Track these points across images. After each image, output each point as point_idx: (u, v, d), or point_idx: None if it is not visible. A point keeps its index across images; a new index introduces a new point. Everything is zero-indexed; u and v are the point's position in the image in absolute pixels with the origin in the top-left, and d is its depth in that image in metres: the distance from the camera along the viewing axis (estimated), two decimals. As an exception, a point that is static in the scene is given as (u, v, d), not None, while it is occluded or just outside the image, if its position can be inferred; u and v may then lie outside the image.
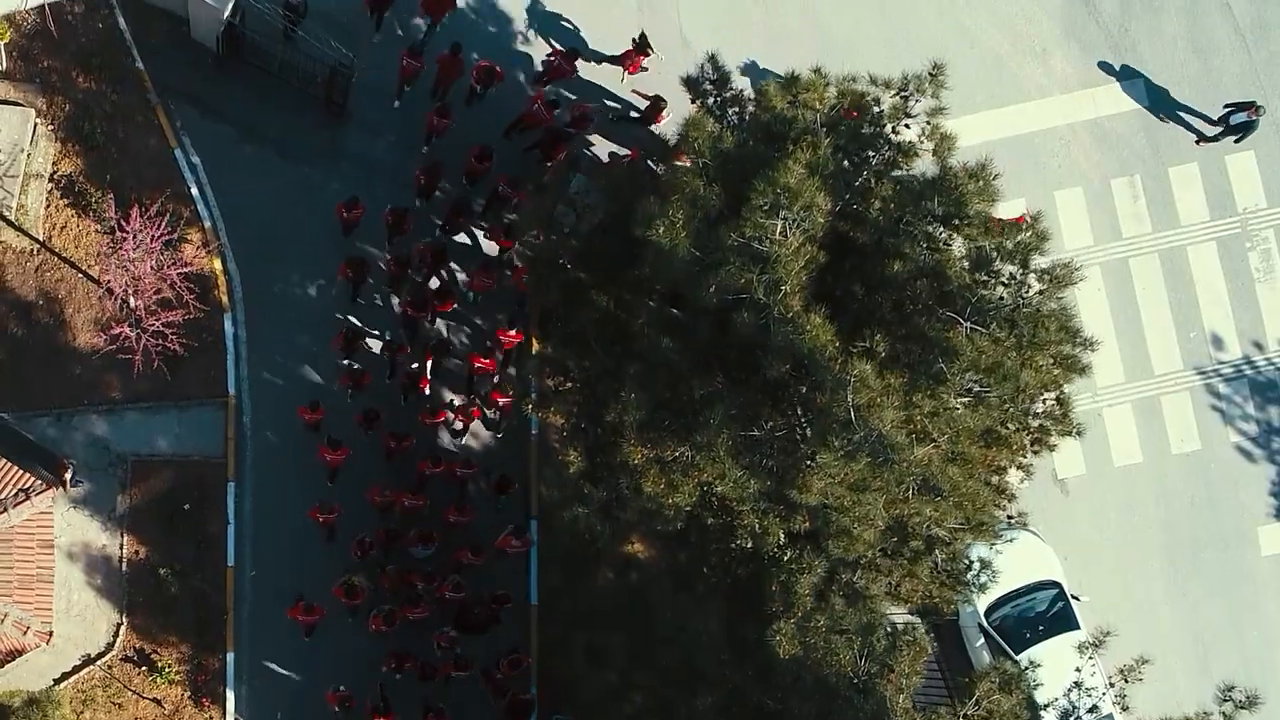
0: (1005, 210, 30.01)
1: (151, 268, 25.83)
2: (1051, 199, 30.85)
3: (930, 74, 23.35)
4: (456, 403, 28.78)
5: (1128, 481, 30.69)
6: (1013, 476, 24.83)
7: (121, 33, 29.54)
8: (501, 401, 28.42)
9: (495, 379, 28.78)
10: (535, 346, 28.75)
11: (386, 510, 28.21)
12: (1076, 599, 29.36)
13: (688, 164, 23.53)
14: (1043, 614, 29.26)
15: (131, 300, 26.07)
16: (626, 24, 30.33)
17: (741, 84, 26.96)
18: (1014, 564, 27.24)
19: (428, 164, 28.90)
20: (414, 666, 27.54)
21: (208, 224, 29.28)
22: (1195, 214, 31.20)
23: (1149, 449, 30.84)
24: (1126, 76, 31.34)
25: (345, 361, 28.62)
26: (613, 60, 29.96)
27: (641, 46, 29.41)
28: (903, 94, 23.60)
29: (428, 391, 28.58)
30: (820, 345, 20.73)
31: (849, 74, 24.56)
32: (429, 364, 28.42)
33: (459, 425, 28.86)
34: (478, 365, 28.34)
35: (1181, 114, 31.33)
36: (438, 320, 29.26)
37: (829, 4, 30.87)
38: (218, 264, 29.21)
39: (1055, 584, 29.37)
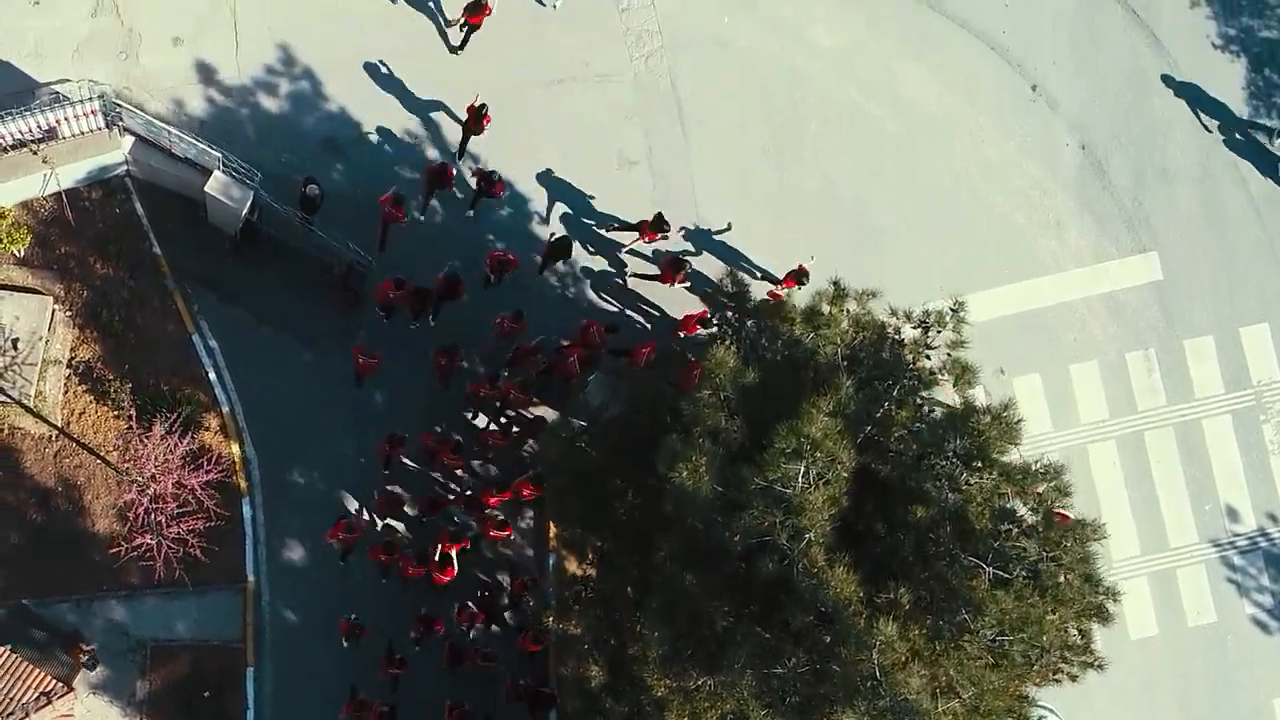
0: (1019, 384, 30.55)
1: (172, 484, 25.88)
2: (1067, 373, 30.97)
3: (951, 309, 23.42)
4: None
5: (1145, 655, 30.75)
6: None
7: (139, 218, 29.61)
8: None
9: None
10: (552, 530, 28.90)
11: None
12: None
13: (708, 392, 23.58)
14: (1063, 793, 29.39)
15: (153, 514, 26.12)
16: (640, 190, 30.53)
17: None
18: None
19: (448, 345, 28.95)
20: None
21: (225, 409, 29.34)
22: (1210, 387, 31.32)
23: (1165, 622, 30.92)
24: (1140, 249, 31.44)
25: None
26: (629, 227, 30.03)
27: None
28: (923, 325, 23.67)
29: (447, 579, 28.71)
30: (844, 599, 20.80)
31: (869, 290, 24.75)
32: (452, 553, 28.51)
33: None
34: (493, 534, 28.61)
35: (1196, 286, 31.42)
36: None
37: (843, 174, 30.99)
38: (235, 449, 29.28)
39: (1075, 764, 29.50)
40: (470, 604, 28.44)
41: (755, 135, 30.80)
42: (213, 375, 29.45)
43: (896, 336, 23.73)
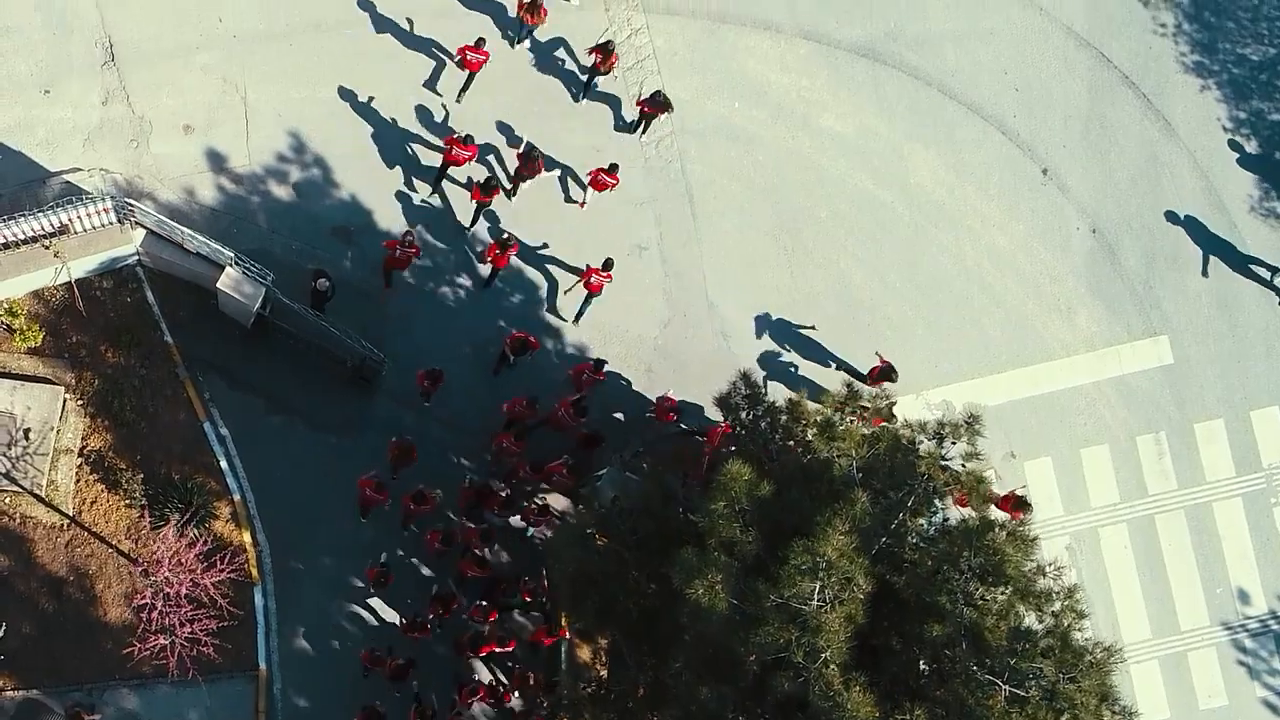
0: (1030, 468, 30.59)
1: (187, 587, 25.89)
2: (1078, 456, 30.99)
3: (967, 422, 23.43)
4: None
5: (1156, 739, 30.86)
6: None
7: (150, 307, 29.61)
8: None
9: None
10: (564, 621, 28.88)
11: None
12: None
13: (723, 504, 23.57)
14: None
15: (167, 617, 26.12)
16: (651, 277, 30.55)
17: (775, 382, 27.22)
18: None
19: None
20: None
21: (237, 496, 29.34)
22: (1221, 470, 31.32)
23: (1176, 705, 30.91)
24: (1151, 333, 31.47)
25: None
26: None
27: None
28: (939, 436, 23.69)
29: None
30: (861, 720, 20.84)
31: (883, 393, 24.78)
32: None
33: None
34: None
35: (1206, 370, 31.46)
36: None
37: (854, 264, 31.00)
38: (247, 536, 29.29)
39: None
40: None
41: (765, 222, 30.83)
42: (224, 463, 29.45)
43: (912, 446, 23.71)
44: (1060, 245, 31.46)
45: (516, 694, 28.91)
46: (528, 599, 28.89)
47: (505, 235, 29.43)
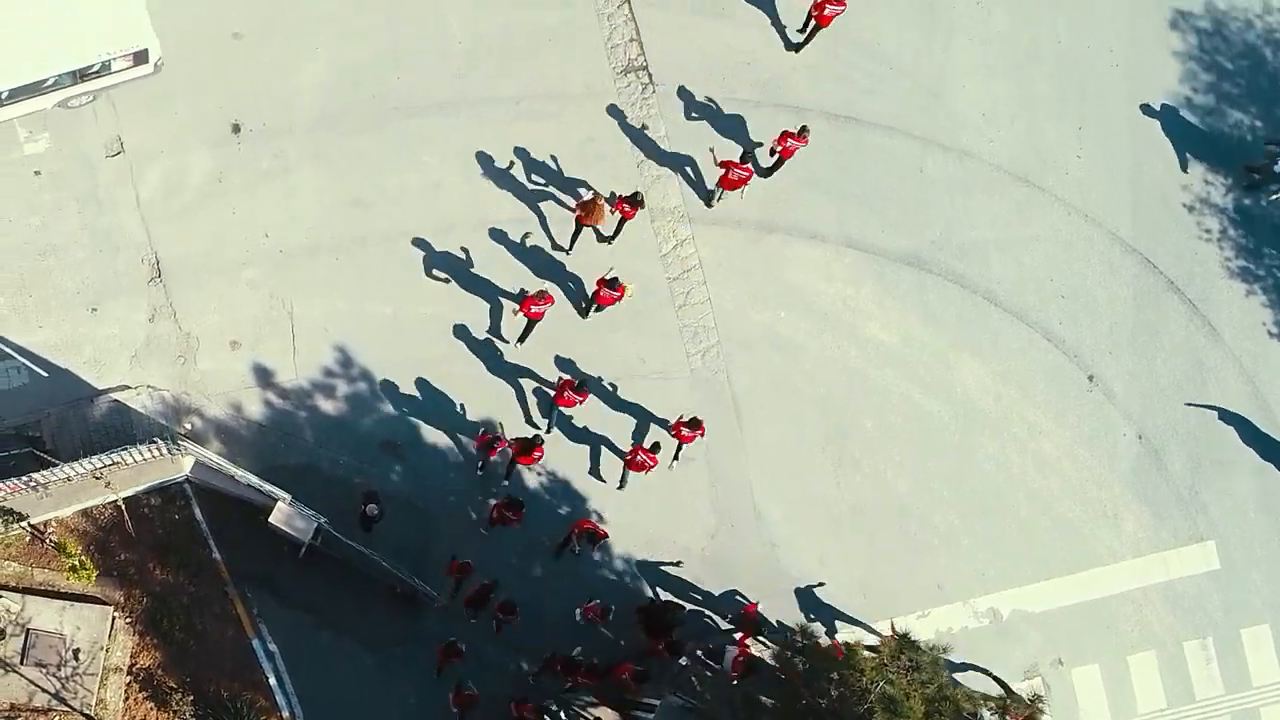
0: (1078, 674, 30.61)
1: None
2: (1124, 664, 30.97)
3: (1030, 700, 23.46)
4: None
5: None
6: None
7: (198, 523, 29.59)
8: None
9: None
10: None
11: None
12: None
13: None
14: None
15: None
16: (697, 488, 30.59)
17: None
18: None
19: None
20: None
21: (285, 713, 29.35)
22: (1268, 675, 31.30)
23: None
24: (1198, 539, 31.46)
25: None
26: None
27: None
28: (1002, 709, 23.71)
29: None
30: None
31: (939, 645, 24.80)
32: None
33: None
34: None
35: (1253, 575, 31.44)
36: None
37: (900, 474, 30.97)
38: (296, 754, 29.38)
39: None
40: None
41: (812, 432, 30.83)
42: (273, 680, 29.41)
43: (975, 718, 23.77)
44: (1106, 451, 31.46)
45: None
46: None
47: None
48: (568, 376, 29.82)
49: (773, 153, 30.84)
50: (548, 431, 29.83)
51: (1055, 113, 32.31)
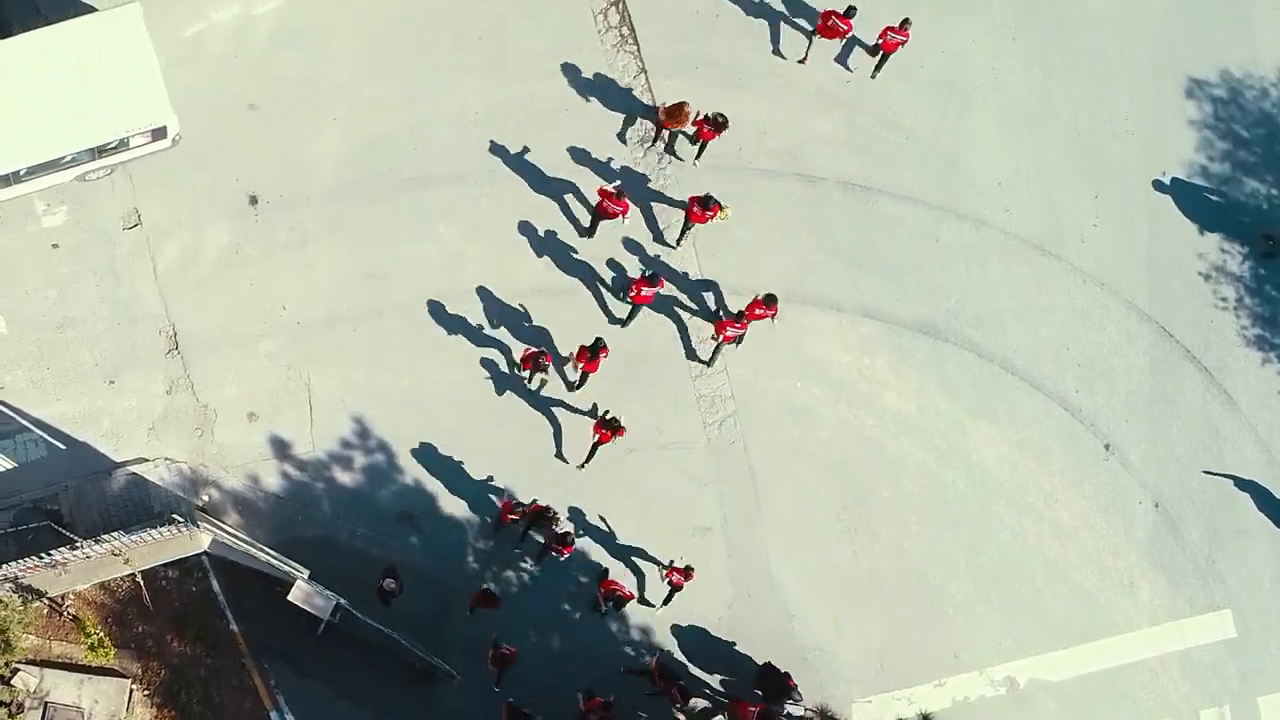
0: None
1: None
2: (1142, 733, 31.05)
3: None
4: None
5: None
6: None
7: (215, 595, 29.66)
8: None
9: None
10: None
11: None
12: None
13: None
14: None
15: None
16: (714, 558, 30.57)
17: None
18: None
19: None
20: None
21: (303, 785, 29.49)
22: (1286, 746, 31.38)
23: None
24: (1214, 607, 31.42)
25: None
26: None
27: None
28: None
29: None
30: None
31: None
32: None
33: None
34: None
35: (1270, 642, 31.43)
36: None
37: (916, 543, 30.95)
38: (313, 824, 29.40)
39: None
40: None
41: (828, 500, 30.82)
42: (290, 752, 29.60)
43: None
44: (1123, 520, 31.43)
45: None
46: None
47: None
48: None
49: (875, 50, 31.49)
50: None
51: (1071, 181, 32.35)
